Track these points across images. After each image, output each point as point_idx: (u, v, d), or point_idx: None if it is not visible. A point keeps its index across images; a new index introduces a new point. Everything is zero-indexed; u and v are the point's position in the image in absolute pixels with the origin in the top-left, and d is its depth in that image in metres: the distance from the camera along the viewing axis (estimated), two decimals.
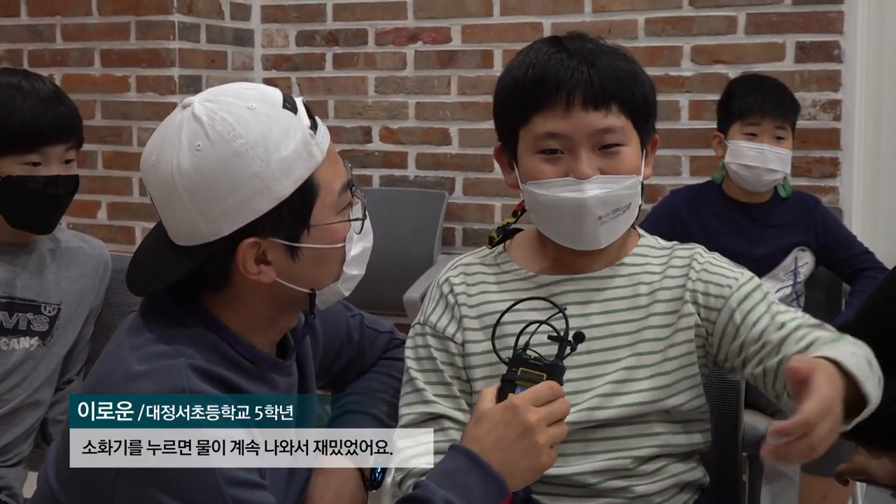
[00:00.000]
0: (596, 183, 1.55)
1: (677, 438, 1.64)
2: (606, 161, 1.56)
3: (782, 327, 1.57)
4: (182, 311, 1.37)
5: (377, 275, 3.91)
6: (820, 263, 3.11)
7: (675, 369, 1.62)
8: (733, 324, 1.60)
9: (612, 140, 1.56)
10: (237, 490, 1.26)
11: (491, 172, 3.86)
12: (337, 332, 1.69)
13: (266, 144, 1.29)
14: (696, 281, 1.63)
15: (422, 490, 1.36)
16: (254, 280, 1.34)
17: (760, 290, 1.62)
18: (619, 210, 1.57)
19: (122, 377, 1.29)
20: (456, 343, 1.64)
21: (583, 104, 1.54)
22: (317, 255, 1.37)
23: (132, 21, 3.87)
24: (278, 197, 1.31)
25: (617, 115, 1.55)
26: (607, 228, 1.58)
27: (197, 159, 1.28)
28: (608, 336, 1.62)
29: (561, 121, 1.55)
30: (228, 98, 1.33)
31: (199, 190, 1.29)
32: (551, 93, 1.55)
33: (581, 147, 1.55)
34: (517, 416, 1.36)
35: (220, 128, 1.29)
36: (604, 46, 1.60)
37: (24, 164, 2.03)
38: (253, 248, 1.32)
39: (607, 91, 1.54)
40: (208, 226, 1.31)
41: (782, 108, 2.97)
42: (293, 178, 1.31)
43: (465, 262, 1.71)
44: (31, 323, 2.14)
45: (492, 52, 3.85)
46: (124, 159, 3.94)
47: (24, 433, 2.16)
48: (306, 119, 1.34)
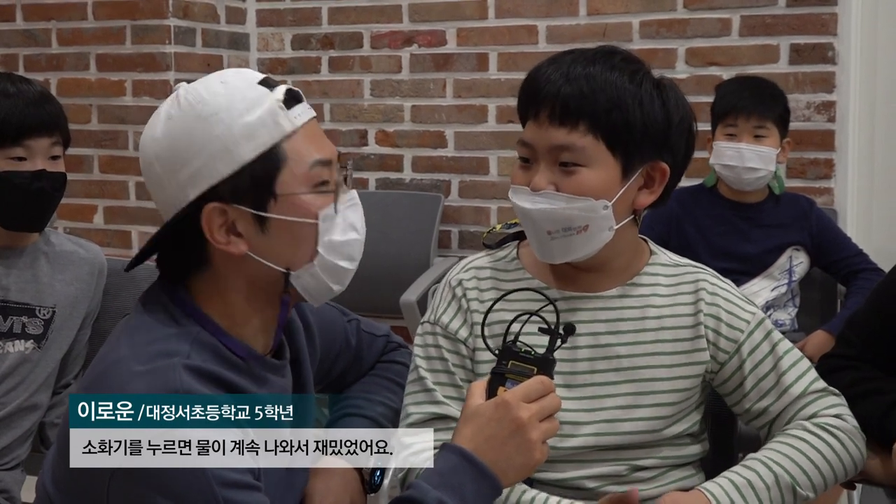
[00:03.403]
0: (545, 197, 1.54)
1: (676, 451, 1.65)
2: (563, 178, 1.54)
3: (785, 393, 1.62)
4: (177, 311, 1.37)
5: (373, 277, 3.94)
6: (814, 265, 3.12)
7: (681, 400, 1.63)
8: (741, 374, 1.63)
9: (569, 158, 1.54)
10: (229, 491, 1.26)
11: (487, 175, 3.86)
12: (334, 337, 1.69)
13: (230, 110, 1.33)
14: (707, 316, 1.63)
15: (414, 490, 1.35)
16: (225, 251, 1.34)
17: (769, 339, 1.64)
18: (571, 230, 1.54)
19: (121, 376, 1.29)
20: (467, 347, 1.63)
21: (549, 117, 1.55)
22: (286, 227, 1.36)
23: (128, 25, 3.87)
24: (239, 160, 1.32)
25: (583, 133, 1.53)
26: (560, 245, 1.56)
27: (167, 127, 1.34)
28: (614, 357, 1.62)
29: (532, 130, 1.57)
30: (210, 77, 1.40)
31: (166, 155, 1.34)
32: (529, 102, 1.58)
33: (542, 159, 1.56)
34: (509, 413, 1.35)
35: (190, 97, 1.35)
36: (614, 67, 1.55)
37: (9, 160, 2.05)
38: (220, 215, 1.33)
39: (572, 109, 1.53)
40: (179, 193, 1.34)
41: (760, 106, 2.97)
42: (255, 143, 1.33)
43: (478, 266, 1.70)
44: (25, 326, 2.14)
45: (487, 54, 3.85)
46: (120, 163, 3.94)
47: (22, 437, 2.16)
48: (281, 95, 1.36)
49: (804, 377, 1.63)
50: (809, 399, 1.62)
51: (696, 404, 1.67)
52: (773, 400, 1.62)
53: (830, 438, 1.58)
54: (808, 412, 1.62)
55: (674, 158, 1.60)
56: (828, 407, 1.62)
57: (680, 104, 1.60)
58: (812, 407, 1.62)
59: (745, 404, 1.64)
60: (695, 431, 1.67)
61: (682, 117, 1.59)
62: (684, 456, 1.66)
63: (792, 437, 1.59)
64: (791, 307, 3.12)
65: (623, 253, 1.63)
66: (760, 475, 1.53)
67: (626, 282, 1.65)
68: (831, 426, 1.60)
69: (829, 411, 1.62)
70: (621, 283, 1.64)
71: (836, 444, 1.58)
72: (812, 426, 1.59)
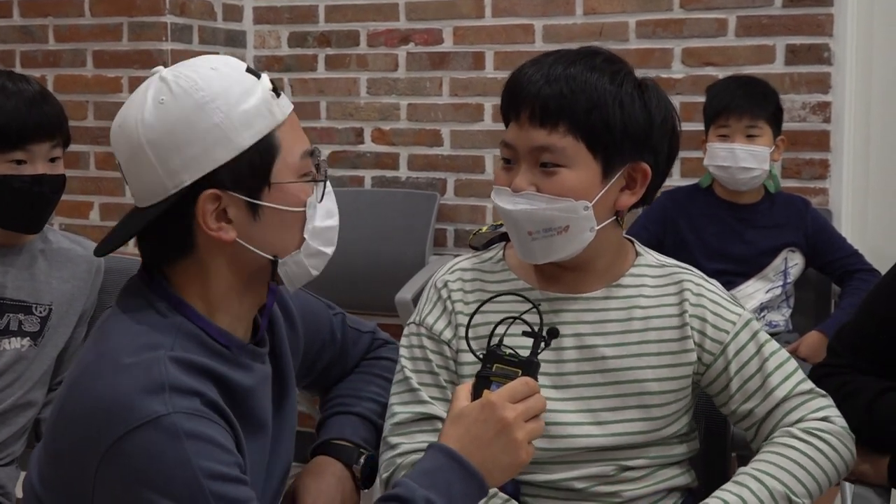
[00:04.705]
0: (525, 198, 1.55)
1: (665, 450, 1.65)
2: (544, 179, 1.55)
3: (770, 396, 1.62)
4: (160, 303, 1.38)
5: (369, 275, 3.94)
6: (809, 265, 3.13)
7: (671, 402, 1.63)
8: (726, 375, 1.64)
9: (550, 159, 1.55)
10: (216, 483, 1.26)
11: (482, 174, 3.86)
12: (318, 328, 1.69)
13: (227, 98, 1.34)
14: (692, 317, 1.63)
15: (402, 489, 1.35)
16: (215, 237, 1.35)
17: (756, 340, 1.64)
18: (552, 231, 1.55)
19: (107, 369, 1.29)
20: (451, 348, 1.64)
21: (529, 118, 1.55)
22: (277, 216, 1.38)
23: (124, 22, 3.86)
24: (238, 148, 1.33)
25: (563, 135, 1.54)
26: (541, 246, 1.57)
27: (160, 112, 1.33)
28: (599, 358, 1.62)
29: (513, 131, 1.58)
30: (195, 62, 1.40)
31: (160, 141, 1.33)
32: (514, 105, 1.58)
33: (523, 160, 1.56)
34: (495, 414, 1.36)
35: (183, 83, 1.34)
36: (594, 68, 1.56)
37: (9, 163, 2.04)
38: (213, 201, 1.34)
39: (552, 110, 1.54)
40: (170, 178, 1.33)
41: (751, 105, 2.98)
42: (253, 131, 1.34)
43: (463, 267, 1.70)
44: (21, 323, 2.14)
45: (483, 53, 3.85)
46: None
47: (17, 433, 2.16)
48: (268, 84, 1.38)
49: (790, 379, 1.63)
50: (796, 402, 1.62)
51: (687, 406, 1.67)
52: (758, 402, 1.62)
53: (820, 443, 1.58)
54: (794, 416, 1.61)
55: (656, 159, 1.60)
56: (815, 410, 1.62)
57: (662, 104, 1.60)
58: (799, 411, 1.62)
59: (732, 406, 1.65)
60: (685, 431, 1.67)
61: (664, 118, 1.60)
62: (673, 455, 1.66)
63: (781, 445, 1.58)
64: (785, 308, 3.13)
65: (605, 254, 1.63)
66: (753, 490, 1.52)
67: (611, 283, 1.65)
68: (819, 430, 1.59)
69: (815, 415, 1.61)
70: (606, 284, 1.65)
71: (826, 448, 1.58)
72: (800, 432, 1.59)
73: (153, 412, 1.25)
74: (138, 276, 1.43)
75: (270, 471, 1.48)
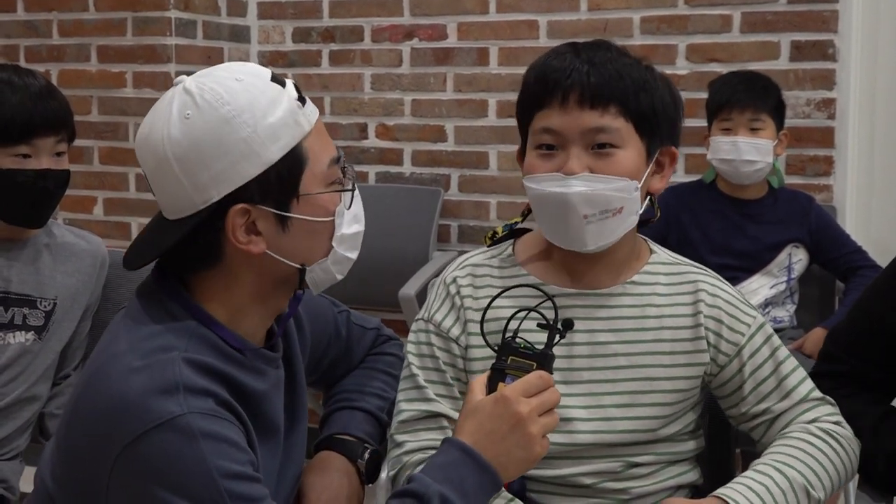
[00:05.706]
0: (582, 180, 1.54)
1: (672, 447, 1.66)
2: (598, 161, 1.55)
3: (789, 395, 1.63)
4: (174, 306, 1.37)
5: (373, 271, 3.94)
6: (813, 261, 3.13)
7: (680, 400, 1.64)
8: (740, 377, 1.64)
9: (605, 140, 1.55)
10: (232, 482, 1.26)
11: (486, 169, 3.86)
12: (324, 327, 1.69)
13: (253, 111, 1.32)
14: (708, 318, 1.63)
15: (416, 484, 1.36)
16: (244, 250, 1.34)
17: (769, 343, 1.65)
18: (608, 212, 1.55)
19: (119, 372, 1.29)
20: (459, 345, 1.63)
21: (579, 102, 1.54)
22: (306, 227, 1.37)
23: (129, 17, 3.86)
24: (266, 162, 1.32)
25: (615, 116, 1.54)
26: (594, 230, 1.56)
27: (186, 127, 1.31)
28: (611, 355, 1.62)
29: (557, 117, 1.56)
30: (218, 72, 1.37)
31: (187, 156, 1.31)
32: (550, 90, 1.56)
33: (573, 144, 1.55)
34: (509, 408, 1.37)
35: (208, 97, 1.32)
36: (621, 55, 1.59)
37: (15, 157, 2.04)
38: (243, 215, 1.33)
39: (605, 91, 1.54)
40: (198, 194, 1.32)
41: (754, 98, 2.98)
42: (280, 144, 1.33)
43: (474, 263, 1.69)
44: (26, 317, 2.14)
45: (487, 49, 3.85)
46: (120, 155, 3.94)
47: (21, 427, 2.16)
48: (294, 92, 1.37)
49: (806, 382, 1.65)
50: (812, 404, 1.64)
51: (694, 404, 1.67)
52: (775, 401, 1.63)
53: (835, 444, 1.60)
54: (809, 416, 1.63)
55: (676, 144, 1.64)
56: (828, 414, 1.64)
57: (677, 93, 1.64)
58: (814, 412, 1.63)
59: (742, 407, 1.65)
60: (691, 429, 1.68)
61: (682, 106, 1.64)
62: (680, 452, 1.66)
63: (798, 439, 1.59)
64: (790, 304, 3.13)
65: (624, 246, 1.63)
66: (775, 480, 1.53)
67: (626, 280, 1.65)
68: (835, 432, 1.61)
69: (829, 418, 1.63)
70: (621, 282, 1.64)
71: (840, 449, 1.60)
72: (817, 430, 1.60)
73: (169, 412, 1.25)
74: (152, 278, 1.42)
75: (282, 475, 1.48)
